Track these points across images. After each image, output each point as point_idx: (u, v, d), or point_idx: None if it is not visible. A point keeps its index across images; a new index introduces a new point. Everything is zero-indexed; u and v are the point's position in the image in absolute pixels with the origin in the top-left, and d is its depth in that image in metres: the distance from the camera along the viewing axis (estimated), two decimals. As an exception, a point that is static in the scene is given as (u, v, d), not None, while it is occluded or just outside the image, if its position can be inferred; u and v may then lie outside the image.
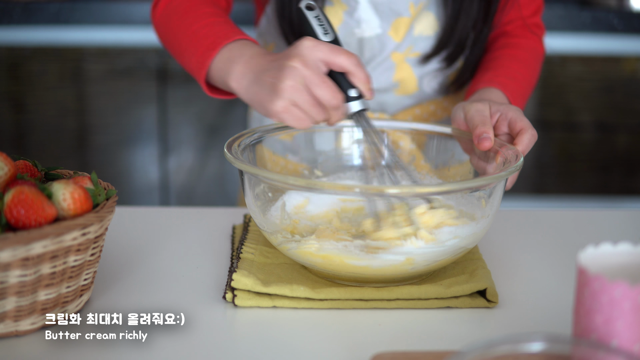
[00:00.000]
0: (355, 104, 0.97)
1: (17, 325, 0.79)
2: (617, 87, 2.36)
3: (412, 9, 1.25)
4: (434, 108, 1.34)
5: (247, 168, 0.91)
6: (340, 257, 0.87)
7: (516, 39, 1.29)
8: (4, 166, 0.82)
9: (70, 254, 0.80)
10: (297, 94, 0.93)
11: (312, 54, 0.93)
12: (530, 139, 1.00)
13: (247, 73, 1.00)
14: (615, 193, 2.44)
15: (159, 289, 0.93)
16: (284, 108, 0.93)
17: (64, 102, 2.34)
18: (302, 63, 0.92)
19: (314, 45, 0.94)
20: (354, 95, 0.97)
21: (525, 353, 0.62)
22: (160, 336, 0.82)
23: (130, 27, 2.25)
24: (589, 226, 1.17)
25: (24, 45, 2.29)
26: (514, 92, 1.17)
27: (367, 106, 0.98)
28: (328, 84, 0.93)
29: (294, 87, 0.92)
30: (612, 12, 2.25)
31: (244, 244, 1.00)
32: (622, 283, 0.64)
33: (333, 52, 0.94)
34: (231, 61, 1.02)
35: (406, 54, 1.28)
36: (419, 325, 0.85)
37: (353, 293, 0.88)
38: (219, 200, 2.42)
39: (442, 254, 0.89)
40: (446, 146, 1.11)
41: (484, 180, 0.90)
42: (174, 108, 2.36)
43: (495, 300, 0.88)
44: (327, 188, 0.89)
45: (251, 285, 0.88)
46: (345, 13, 1.26)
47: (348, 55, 0.95)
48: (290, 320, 0.87)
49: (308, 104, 0.93)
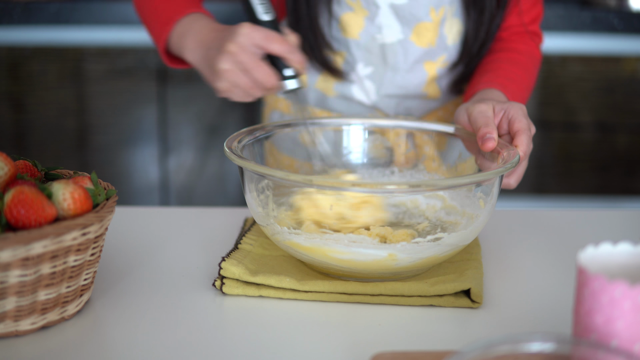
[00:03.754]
0: (292, 82, 1.06)
1: (17, 325, 0.79)
2: (617, 87, 2.36)
3: (432, 14, 1.25)
4: (453, 108, 1.35)
5: (244, 163, 0.92)
6: (323, 250, 0.89)
7: (514, 44, 1.30)
8: (4, 166, 0.82)
9: (70, 254, 0.80)
10: (235, 77, 1.03)
11: (247, 40, 1.02)
12: (527, 141, 0.99)
13: (196, 48, 1.12)
14: (615, 193, 2.44)
15: (159, 288, 0.93)
16: (226, 88, 1.06)
17: (64, 102, 2.34)
18: (238, 48, 1.02)
19: (250, 32, 1.02)
20: (290, 75, 1.06)
21: (525, 353, 0.62)
22: (153, 328, 0.82)
23: (130, 27, 2.25)
24: (589, 226, 1.17)
25: (24, 45, 2.29)
26: (514, 94, 1.17)
27: (302, 84, 1.07)
28: (262, 68, 1.03)
29: (231, 70, 1.03)
30: (612, 12, 2.25)
31: (245, 235, 1.03)
32: (622, 283, 0.64)
33: (267, 39, 1.03)
34: (183, 35, 1.14)
35: (439, 64, 1.29)
36: (418, 325, 0.85)
37: (337, 286, 0.89)
38: (219, 200, 2.42)
39: (423, 251, 0.89)
40: (457, 145, 1.11)
41: (466, 178, 0.89)
42: (174, 108, 2.36)
43: (479, 300, 0.88)
44: (323, 184, 0.89)
45: (239, 274, 0.91)
46: (367, 19, 1.26)
47: (281, 42, 1.03)
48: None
49: (246, 85, 1.04)
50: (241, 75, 1.03)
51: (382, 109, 1.32)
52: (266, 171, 0.89)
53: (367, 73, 1.29)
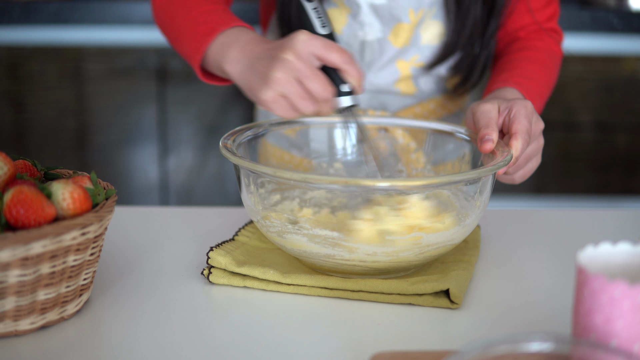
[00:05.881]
0: (346, 99, 0.99)
1: (16, 325, 0.79)
2: (616, 86, 2.36)
3: (412, 16, 1.26)
4: (434, 106, 1.35)
5: (239, 161, 0.92)
6: (303, 246, 0.90)
7: (531, 42, 1.29)
8: (3, 166, 0.82)
9: (69, 254, 0.80)
10: (287, 86, 0.95)
11: (305, 47, 0.95)
12: (522, 144, 0.98)
13: (241, 58, 1.02)
14: (615, 193, 2.44)
15: (159, 288, 0.93)
16: (272, 98, 0.96)
17: (64, 101, 2.34)
18: (295, 56, 0.94)
19: (308, 39, 0.95)
20: (346, 91, 0.98)
21: (525, 353, 0.62)
22: (153, 328, 0.82)
23: (130, 26, 2.25)
24: (589, 226, 1.17)
25: (24, 44, 2.29)
26: (530, 91, 1.16)
27: (357, 102, 1.00)
28: (319, 77, 0.95)
29: (284, 79, 0.95)
30: (612, 11, 2.25)
31: (244, 227, 1.04)
32: (621, 283, 0.64)
33: (326, 48, 0.96)
34: (227, 46, 1.05)
35: (412, 63, 1.29)
36: (417, 325, 0.85)
37: (319, 281, 0.90)
38: (219, 200, 2.42)
39: (401, 252, 0.89)
40: (443, 143, 1.11)
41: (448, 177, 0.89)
42: (174, 108, 2.36)
43: (458, 302, 0.87)
44: (318, 182, 0.89)
45: (225, 264, 0.93)
46: (350, 15, 1.28)
47: (341, 52, 0.96)
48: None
49: (297, 95, 0.95)
50: (294, 84, 0.95)
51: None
52: (259, 169, 0.89)
53: None
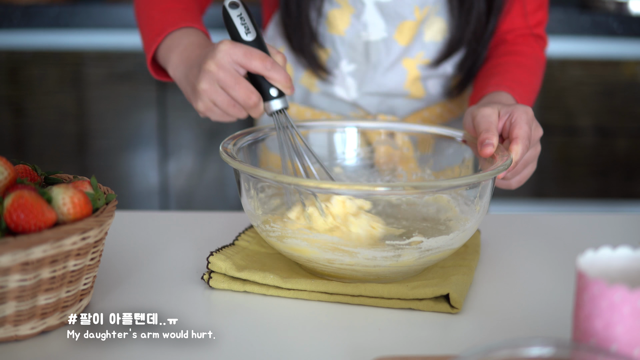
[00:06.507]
0: (276, 102, 1.02)
1: (16, 329, 0.79)
2: (616, 91, 2.36)
3: (417, 13, 1.26)
4: (440, 110, 1.35)
5: (239, 166, 0.93)
6: (301, 250, 0.90)
7: (519, 46, 1.29)
8: (3, 170, 0.82)
9: (70, 259, 0.80)
10: (215, 95, 1.01)
11: (226, 57, 0.99)
12: (523, 149, 0.98)
13: (179, 65, 1.08)
14: (615, 197, 2.44)
15: (159, 293, 0.93)
16: (204, 108, 1.03)
17: (64, 106, 2.34)
18: (216, 66, 0.99)
19: (229, 49, 0.99)
20: (274, 95, 1.01)
21: (525, 357, 0.62)
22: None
23: (130, 31, 2.25)
24: (589, 230, 1.17)
25: (24, 49, 2.30)
26: (522, 96, 1.16)
27: (286, 104, 1.02)
28: (241, 86, 0.99)
29: (210, 89, 1.00)
30: (612, 15, 2.25)
31: (244, 232, 1.04)
32: (621, 287, 0.64)
33: (246, 56, 0.99)
34: (170, 50, 1.10)
35: (417, 61, 1.29)
36: (418, 330, 0.85)
37: (319, 286, 0.90)
38: (219, 205, 2.42)
39: (403, 255, 0.89)
40: (444, 148, 1.11)
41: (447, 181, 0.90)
42: (174, 112, 2.36)
43: (458, 306, 0.87)
44: (314, 186, 0.90)
45: (225, 269, 0.93)
46: (353, 16, 1.27)
47: (262, 59, 0.99)
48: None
49: (226, 104, 1.01)
50: (221, 94, 1.00)
51: (363, 107, 1.33)
52: (259, 173, 0.89)
53: (350, 70, 1.30)
